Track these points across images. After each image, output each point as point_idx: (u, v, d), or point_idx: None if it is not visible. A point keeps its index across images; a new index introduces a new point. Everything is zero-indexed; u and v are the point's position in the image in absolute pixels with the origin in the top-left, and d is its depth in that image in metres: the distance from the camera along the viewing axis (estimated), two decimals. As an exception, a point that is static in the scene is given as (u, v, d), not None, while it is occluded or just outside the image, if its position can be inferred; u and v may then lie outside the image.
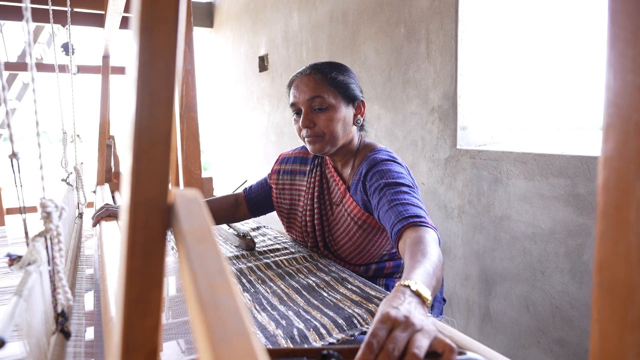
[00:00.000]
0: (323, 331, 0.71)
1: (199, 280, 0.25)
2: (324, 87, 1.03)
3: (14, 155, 0.54)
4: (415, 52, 1.85)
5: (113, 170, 2.08)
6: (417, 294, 0.58)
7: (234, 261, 1.08)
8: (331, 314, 0.77)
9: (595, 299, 0.34)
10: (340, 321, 0.74)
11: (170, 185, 0.33)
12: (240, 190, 1.39)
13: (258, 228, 1.43)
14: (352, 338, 0.71)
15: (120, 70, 2.70)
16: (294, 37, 2.84)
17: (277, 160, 1.30)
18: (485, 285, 1.63)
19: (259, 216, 1.38)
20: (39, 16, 2.19)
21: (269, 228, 1.42)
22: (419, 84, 1.85)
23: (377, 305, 0.79)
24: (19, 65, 3.22)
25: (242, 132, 3.81)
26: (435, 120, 1.78)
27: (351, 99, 1.06)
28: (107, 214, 1.14)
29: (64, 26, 2.12)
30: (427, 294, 0.59)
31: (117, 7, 1.03)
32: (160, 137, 0.31)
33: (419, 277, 0.63)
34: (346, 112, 1.05)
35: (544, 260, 1.41)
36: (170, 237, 0.33)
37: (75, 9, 2.00)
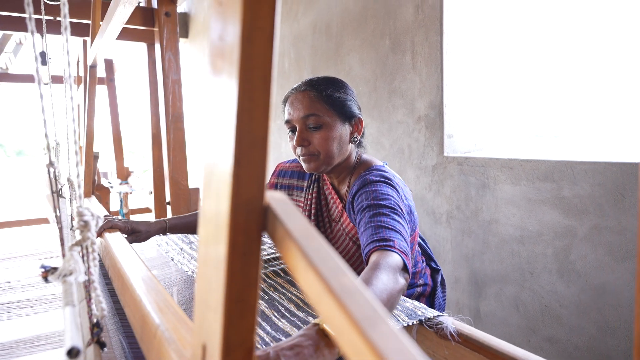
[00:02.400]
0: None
1: (325, 274, 0.26)
2: (319, 105, 1.00)
3: (51, 164, 0.53)
4: (401, 63, 1.91)
5: (96, 182, 2.02)
6: (325, 335, 0.54)
7: (239, 270, 1.08)
8: None
9: (638, 288, 0.37)
10: (363, 324, 0.76)
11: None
12: None
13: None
14: None
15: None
16: (275, 47, 2.86)
17: (274, 172, 1.28)
18: (475, 287, 1.68)
19: None
20: (17, 24, 2.13)
21: (265, 236, 1.42)
22: (404, 94, 1.91)
23: (395, 307, 0.81)
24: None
25: (221, 142, 3.78)
26: (422, 128, 1.83)
27: (348, 116, 1.03)
28: (110, 225, 1.12)
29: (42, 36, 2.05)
30: None
31: (122, 17, 1.01)
32: (258, 140, 0.32)
33: None
34: (342, 130, 1.02)
35: (532, 261, 1.48)
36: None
37: (58, 18, 1.95)
